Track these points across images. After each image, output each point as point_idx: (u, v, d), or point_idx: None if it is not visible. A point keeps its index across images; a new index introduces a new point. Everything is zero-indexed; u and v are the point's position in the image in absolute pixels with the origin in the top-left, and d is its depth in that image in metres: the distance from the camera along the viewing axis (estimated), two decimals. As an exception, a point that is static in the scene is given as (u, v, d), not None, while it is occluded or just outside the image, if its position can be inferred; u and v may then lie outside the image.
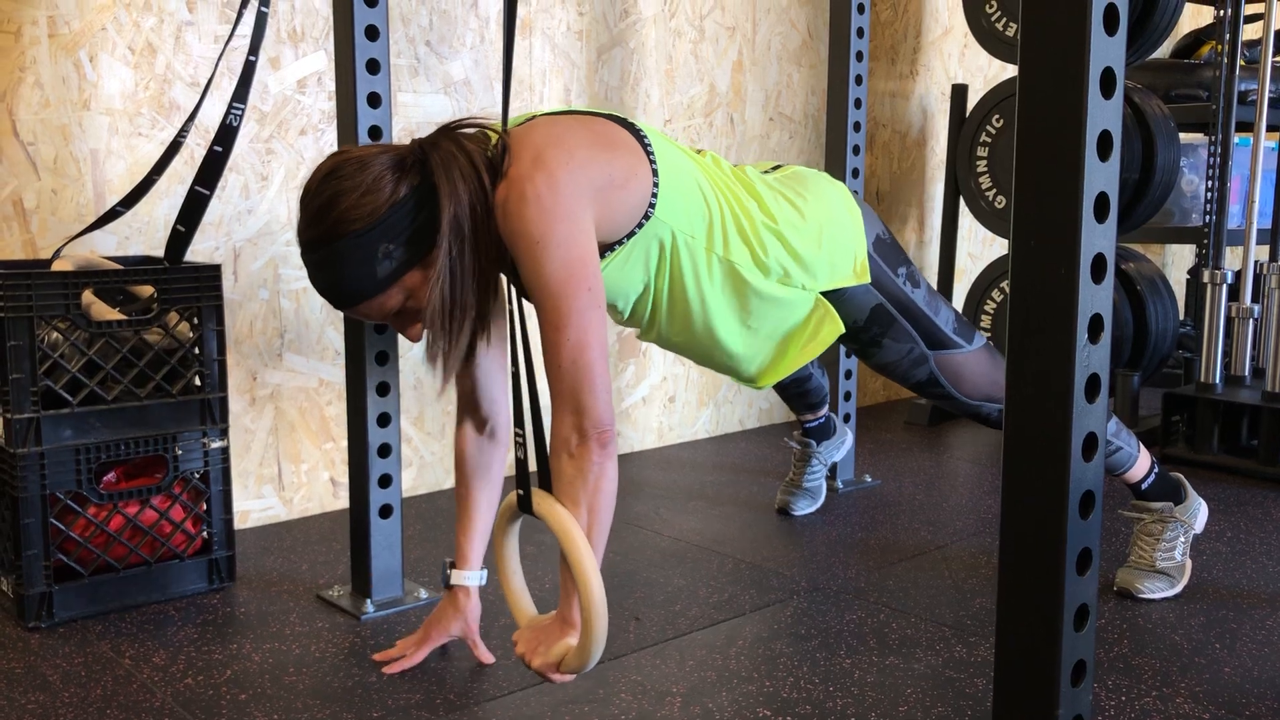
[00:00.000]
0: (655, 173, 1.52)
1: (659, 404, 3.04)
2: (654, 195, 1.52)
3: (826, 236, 1.70)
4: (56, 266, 1.84)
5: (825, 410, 2.44)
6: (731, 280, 1.64)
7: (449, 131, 1.47)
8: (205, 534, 1.97)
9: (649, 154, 1.53)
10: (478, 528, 1.68)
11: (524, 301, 1.46)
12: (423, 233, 1.42)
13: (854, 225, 1.75)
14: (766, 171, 1.80)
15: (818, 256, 1.69)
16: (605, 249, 1.53)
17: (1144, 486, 1.94)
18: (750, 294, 1.66)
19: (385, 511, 1.88)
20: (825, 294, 1.73)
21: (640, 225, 1.53)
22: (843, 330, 1.75)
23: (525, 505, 1.38)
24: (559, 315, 1.37)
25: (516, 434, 1.41)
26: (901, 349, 1.80)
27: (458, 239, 1.41)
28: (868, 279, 1.74)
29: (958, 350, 1.81)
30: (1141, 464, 1.92)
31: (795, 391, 2.33)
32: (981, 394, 1.83)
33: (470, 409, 1.66)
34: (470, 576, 1.68)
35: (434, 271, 1.41)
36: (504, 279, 1.54)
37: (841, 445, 2.53)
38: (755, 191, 1.68)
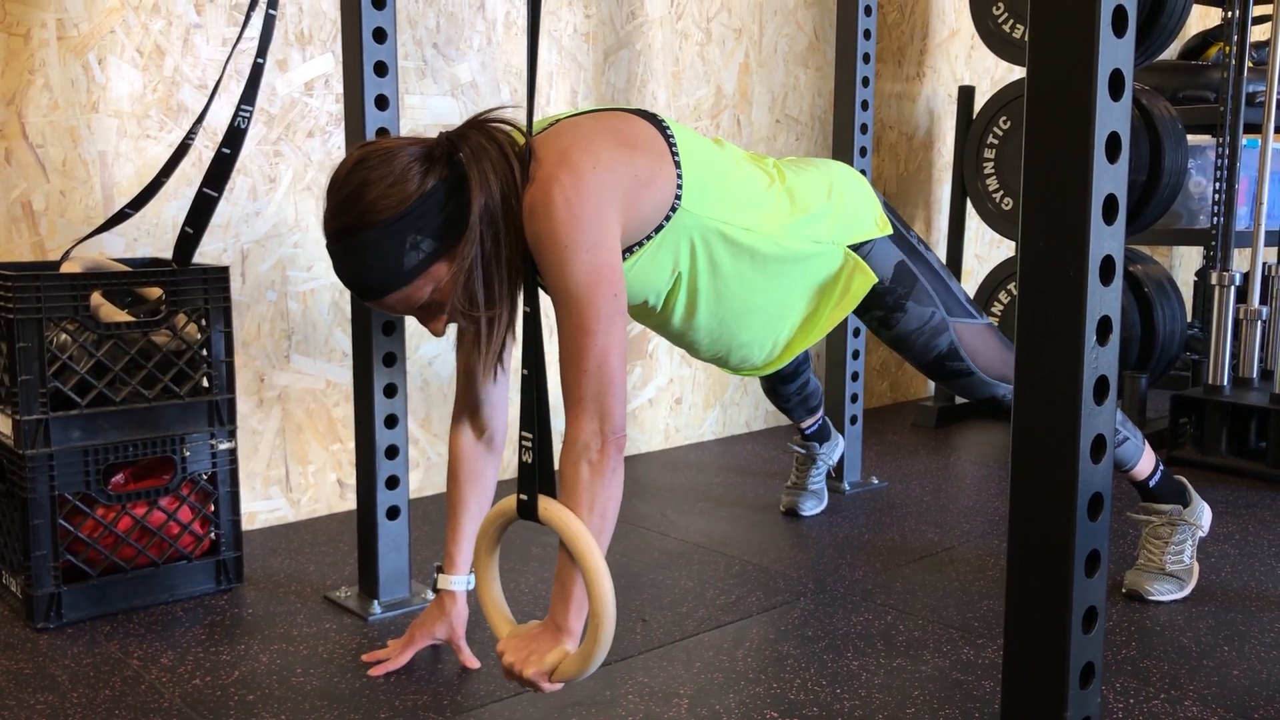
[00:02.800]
0: (678, 165, 1.53)
1: (666, 405, 3.04)
2: (679, 189, 1.53)
3: (846, 195, 1.76)
4: (65, 268, 1.84)
5: (821, 413, 2.46)
6: (768, 245, 1.66)
7: (478, 124, 1.46)
8: (213, 535, 1.97)
9: (672, 147, 1.54)
10: (467, 533, 1.67)
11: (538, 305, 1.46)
12: (451, 224, 1.41)
13: (865, 188, 1.82)
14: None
15: (840, 211, 1.74)
16: (633, 245, 1.54)
17: (1151, 485, 1.94)
18: (786, 256, 1.69)
19: (393, 513, 1.88)
20: (852, 249, 1.76)
21: (667, 219, 1.53)
22: (875, 280, 1.76)
23: (528, 511, 1.35)
24: (587, 319, 1.37)
25: (525, 437, 1.39)
26: (924, 313, 1.80)
27: (491, 229, 1.40)
28: (890, 230, 1.79)
29: (973, 320, 1.83)
30: (1147, 459, 1.92)
31: (799, 399, 2.34)
32: (998, 372, 1.84)
33: (469, 413, 1.65)
34: (458, 581, 1.68)
35: (463, 262, 1.40)
36: None
37: (838, 447, 2.54)
38: (774, 163, 1.75)
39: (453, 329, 1.64)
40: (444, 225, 1.40)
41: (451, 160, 1.42)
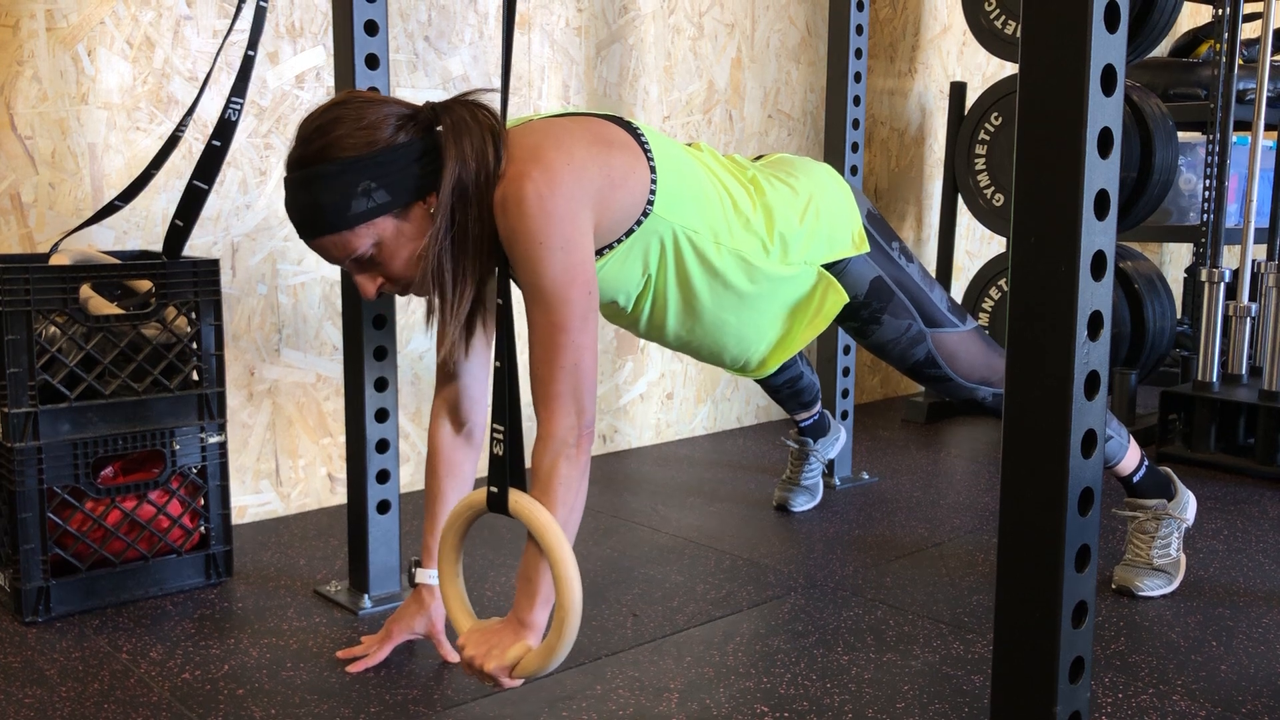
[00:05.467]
0: (653, 169, 1.52)
1: (657, 400, 3.04)
2: (652, 193, 1.52)
3: (823, 211, 1.73)
4: (54, 261, 1.83)
5: (819, 407, 2.45)
6: (739, 267, 1.65)
7: (464, 101, 1.46)
8: (202, 529, 1.97)
9: (646, 152, 1.53)
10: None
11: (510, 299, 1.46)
12: (411, 183, 1.40)
13: (846, 199, 1.78)
14: (754, 160, 1.83)
15: (816, 229, 1.72)
16: (604, 247, 1.53)
17: (1135, 481, 1.95)
18: (759, 277, 1.68)
19: (383, 507, 1.88)
20: (826, 267, 1.74)
21: (639, 223, 1.53)
22: (847, 299, 1.76)
23: (498, 504, 1.35)
24: (561, 317, 1.37)
25: (496, 430, 1.38)
26: (900, 325, 1.80)
27: (461, 204, 1.40)
28: (866, 248, 1.77)
29: (953, 329, 1.82)
30: (1132, 455, 1.92)
31: (789, 392, 2.33)
32: (977, 376, 1.84)
33: (449, 407, 1.65)
34: (435, 575, 1.66)
35: (430, 232, 1.40)
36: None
37: (836, 442, 2.53)
38: (750, 176, 1.71)
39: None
40: (403, 182, 1.40)
41: (430, 128, 1.42)
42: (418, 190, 1.41)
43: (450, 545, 1.44)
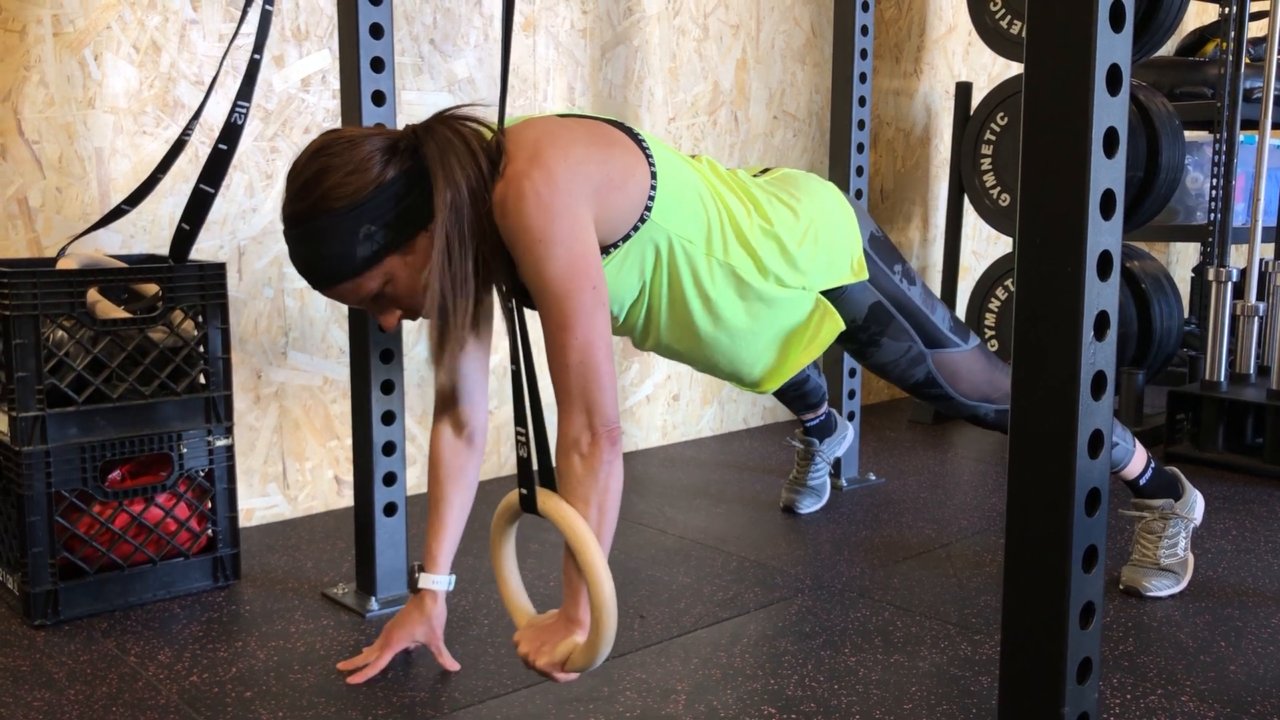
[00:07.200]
0: (653, 175, 1.51)
1: (663, 402, 3.04)
2: (651, 198, 1.51)
3: (823, 236, 1.70)
4: (61, 265, 1.84)
5: (825, 407, 2.44)
6: (733, 283, 1.63)
7: (445, 118, 1.45)
8: (210, 532, 1.97)
9: (647, 156, 1.52)
10: (449, 532, 1.65)
11: (518, 300, 1.46)
12: (408, 217, 1.40)
13: (848, 223, 1.75)
14: (757, 175, 1.80)
15: (815, 256, 1.69)
16: (601, 251, 1.53)
17: (1142, 483, 1.94)
18: (752, 297, 1.65)
19: (390, 509, 1.88)
20: (824, 293, 1.72)
21: (636, 228, 1.51)
22: (843, 328, 1.74)
23: (529, 505, 1.37)
24: (565, 315, 1.36)
25: (518, 432, 1.39)
26: (900, 348, 1.79)
27: (458, 223, 1.39)
28: (865, 276, 1.74)
29: (955, 349, 1.81)
30: (1138, 460, 1.92)
31: (794, 394, 2.33)
32: (979, 394, 1.83)
33: (448, 410, 1.63)
34: (439, 581, 1.65)
35: (428, 257, 1.40)
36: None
37: (843, 441, 2.53)
38: (751, 195, 1.68)
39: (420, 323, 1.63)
40: (400, 218, 1.40)
41: (415, 154, 1.41)
42: (415, 222, 1.41)
43: (499, 545, 1.46)
